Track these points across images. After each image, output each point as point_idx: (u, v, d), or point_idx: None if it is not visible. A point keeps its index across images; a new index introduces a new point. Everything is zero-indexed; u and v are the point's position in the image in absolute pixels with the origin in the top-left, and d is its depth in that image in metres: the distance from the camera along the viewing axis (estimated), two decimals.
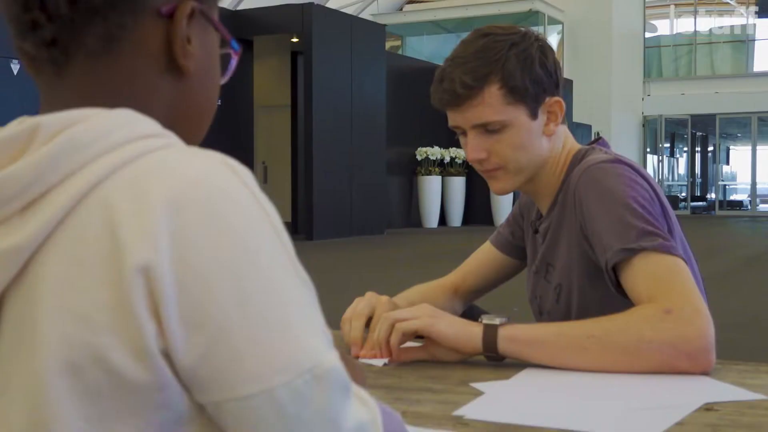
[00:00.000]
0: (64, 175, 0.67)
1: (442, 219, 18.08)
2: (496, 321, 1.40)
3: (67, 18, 0.73)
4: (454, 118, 1.66)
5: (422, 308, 1.46)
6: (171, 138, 0.73)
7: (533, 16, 23.51)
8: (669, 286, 1.38)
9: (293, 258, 0.70)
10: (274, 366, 0.65)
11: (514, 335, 1.38)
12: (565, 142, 1.72)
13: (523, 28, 1.68)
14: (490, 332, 1.39)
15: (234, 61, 0.87)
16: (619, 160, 1.59)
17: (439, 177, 17.80)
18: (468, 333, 1.40)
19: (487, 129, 1.63)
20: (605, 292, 1.52)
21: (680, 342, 1.30)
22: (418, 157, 17.61)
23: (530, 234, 1.82)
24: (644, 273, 1.42)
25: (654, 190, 1.56)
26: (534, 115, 1.64)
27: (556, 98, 1.67)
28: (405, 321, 1.43)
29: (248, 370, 0.64)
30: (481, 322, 1.41)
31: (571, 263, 1.65)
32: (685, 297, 1.36)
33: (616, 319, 1.36)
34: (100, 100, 0.74)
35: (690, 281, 1.40)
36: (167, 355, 0.65)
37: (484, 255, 1.96)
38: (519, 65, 1.60)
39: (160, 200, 0.65)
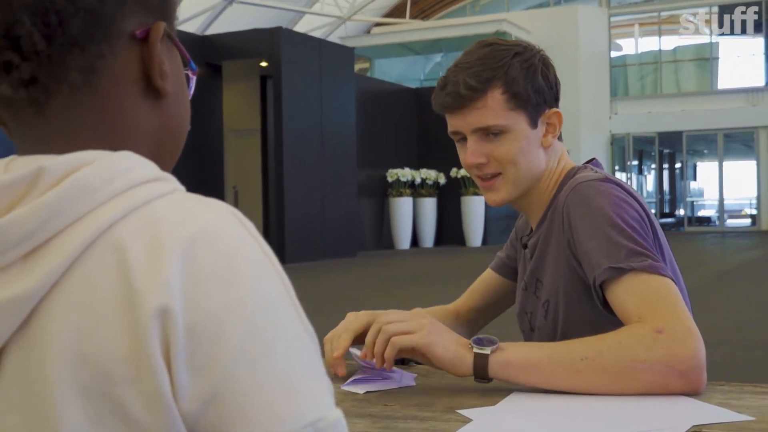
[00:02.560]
0: (72, 220, 0.65)
1: (414, 240, 18.10)
2: (487, 351, 1.38)
3: (44, 54, 0.71)
4: (454, 123, 1.68)
5: (420, 322, 1.43)
6: (174, 182, 0.72)
7: (500, 36, 23.67)
8: (659, 305, 1.38)
9: (299, 308, 0.69)
10: (279, 416, 0.64)
11: (507, 360, 1.37)
12: (561, 158, 1.74)
13: (525, 42, 1.71)
14: (481, 360, 1.38)
15: (194, 81, 0.87)
16: (609, 179, 1.60)
17: (411, 198, 17.84)
18: (461, 359, 1.39)
19: (488, 133, 1.65)
20: (592, 309, 1.52)
21: (673, 361, 1.30)
22: (389, 179, 17.64)
23: (520, 250, 1.83)
24: (633, 292, 1.41)
25: (644, 210, 1.56)
26: (534, 124, 1.67)
27: (556, 110, 1.70)
28: (402, 335, 1.42)
29: (253, 420, 0.63)
30: (470, 347, 1.40)
31: (558, 279, 1.64)
32: (675, 317, 1.35)
33: (608, 339, 1.35)
34: (84, 134, 0.73)
35: (680, 301, 1.40)
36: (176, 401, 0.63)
37: (484, 279, 1.98)
38: (522, 73, 1.64)
39: (174, 246, 0.64)
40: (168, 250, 0.64)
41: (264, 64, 15.14)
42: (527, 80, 1.64)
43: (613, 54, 27.04)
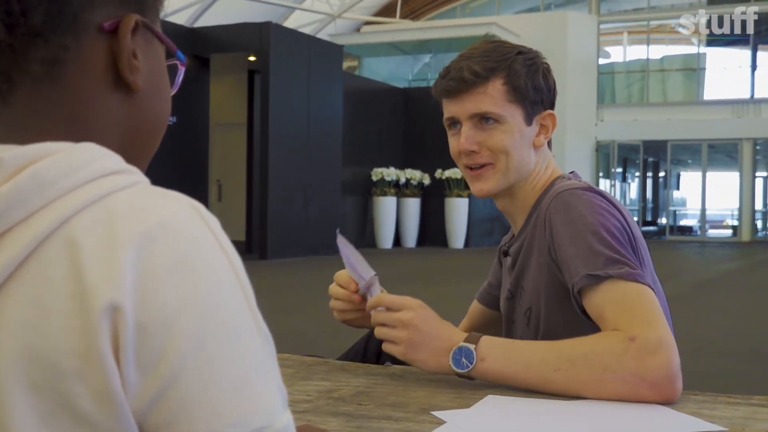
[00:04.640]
0: (28, 214, 0.64)
1: (397, 240, 18.10)
2: (464, 372, 1.43)
3: (5, 44, 0.70)
4: (451, 109, 1.71)
5: (399, 335, 1.49)
6: (137, 175, 0.70)
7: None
8: (634, 313, 1.39)
9: (255, 310, 0.68)
10: (225, 421, 0.63)
11: (485, 373, 1.43)
12: (549, 164, 1.76)
13: (527, 47, 1.76)
14: (462, 375, 1.44)
15: (181, 72, 0.85)
16: (592, 189, 1.61)
17: (395, 198, 17.84)
18: (442, 369, 1.46)
19: (484, 120, 1.67)
20: (573, 315, 1.53)
21: (643, 372, 1.31)
22: (374, 178, 17.63)
23: (502, 259, 1.83)
24: (610, 300, 1.42)
25: (626, 220, 1.57)
26: (529, 121, 1.70)
27: (551, 112, 1.73)
28: (388, 344, 1.50)
29: (197, 421, 0.62)
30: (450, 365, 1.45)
31: (539, 286, 1.65)
32: (649, 325, 1.36)
33: (582, 347, 1.37)
34: (48, 126, 0.72)
35: (656, 309, 1.40)
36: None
37: (472, 310, 2.02)
38: (525, 69, 1.69)
39: (128, 242, 0.63)
40: (122, 246, 0.63)
41: (252, 58, 15.10)
42: (529, 77, 1.68)
43: (601, 61, 27.13)
